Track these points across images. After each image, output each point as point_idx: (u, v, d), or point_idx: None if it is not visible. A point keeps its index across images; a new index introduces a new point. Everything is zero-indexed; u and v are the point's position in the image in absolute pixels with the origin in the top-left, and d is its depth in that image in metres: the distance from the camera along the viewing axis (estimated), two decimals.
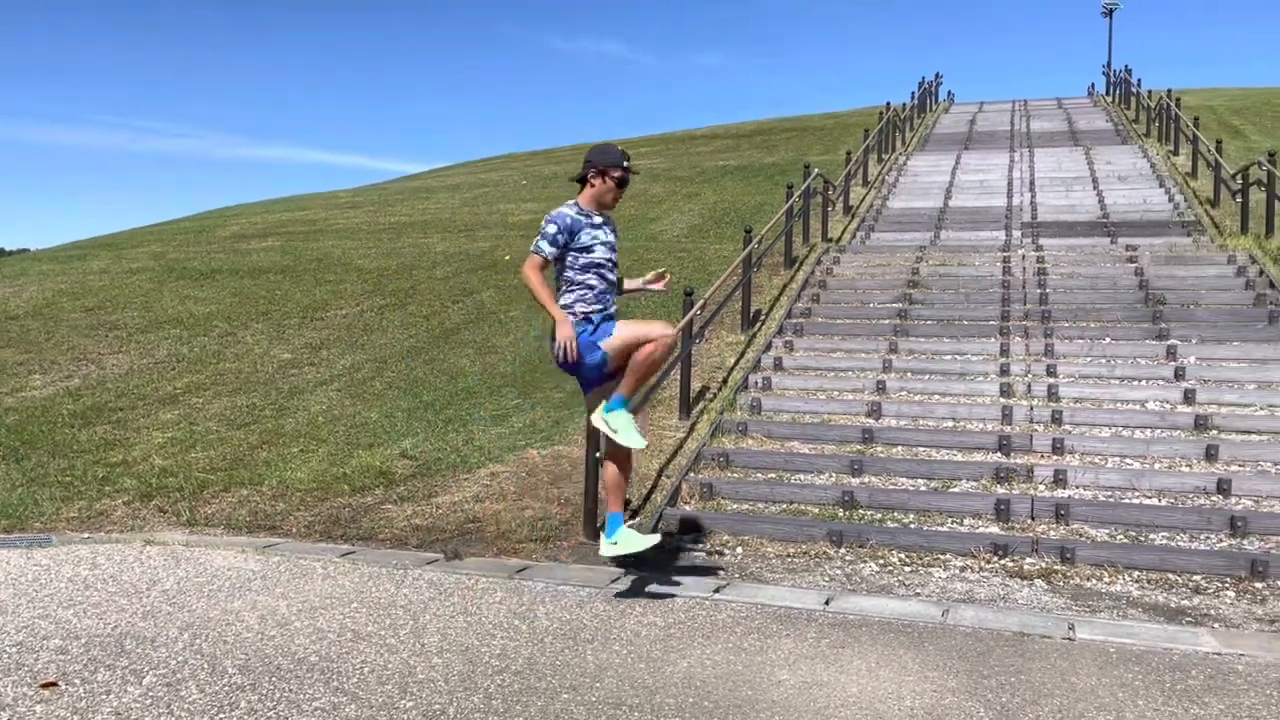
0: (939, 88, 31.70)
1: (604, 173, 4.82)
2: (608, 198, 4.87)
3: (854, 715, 3.59)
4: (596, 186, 4.85)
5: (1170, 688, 3.88)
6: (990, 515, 6.41)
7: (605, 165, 4.80)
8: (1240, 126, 21.03)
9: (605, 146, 4.88)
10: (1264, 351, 8.51)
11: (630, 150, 28.64)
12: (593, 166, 4.82)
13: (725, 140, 27.64)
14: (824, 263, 12.32)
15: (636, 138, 33.52)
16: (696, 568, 5.72)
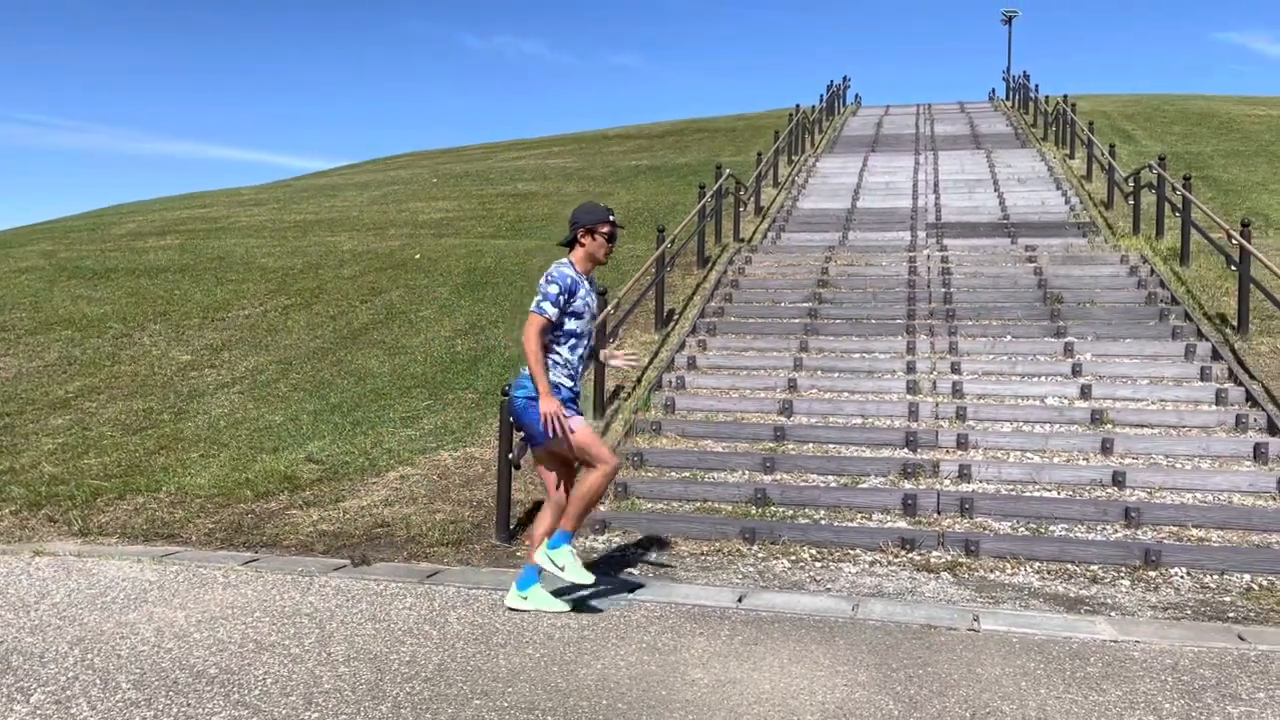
0: (847, 91, 32.30)
1: (592, 231, 4.77)
2: (600, 254, 4.82)
3: (766, 712, 3.60)
4: (588, 245, 4.78)
5: (1070, 675, 4.00)
6: (898, 510, 6.53)
7: (593, 223, 4.77)
8: (1132, 131, 21.90)
9: (588, 205, 4.86)
10: (1155, 348, 8.86)
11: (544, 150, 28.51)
12: (580, 226, 4.77)
13: (639, 140, 27.70)
14: (736, 262, 12.42)
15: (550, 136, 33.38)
16: (612, 568, 5.69)
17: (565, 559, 4.62)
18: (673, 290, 11.38)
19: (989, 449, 7.36)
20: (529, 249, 13.71)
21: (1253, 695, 3.80)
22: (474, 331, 10.49)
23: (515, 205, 17.97)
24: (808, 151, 22.44)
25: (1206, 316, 9.47)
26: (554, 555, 4.64)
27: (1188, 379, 8.27)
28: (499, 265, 12.83)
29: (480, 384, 8.93)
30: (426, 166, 25.76)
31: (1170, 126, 22.76)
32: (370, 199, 20.15)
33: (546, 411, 4.51)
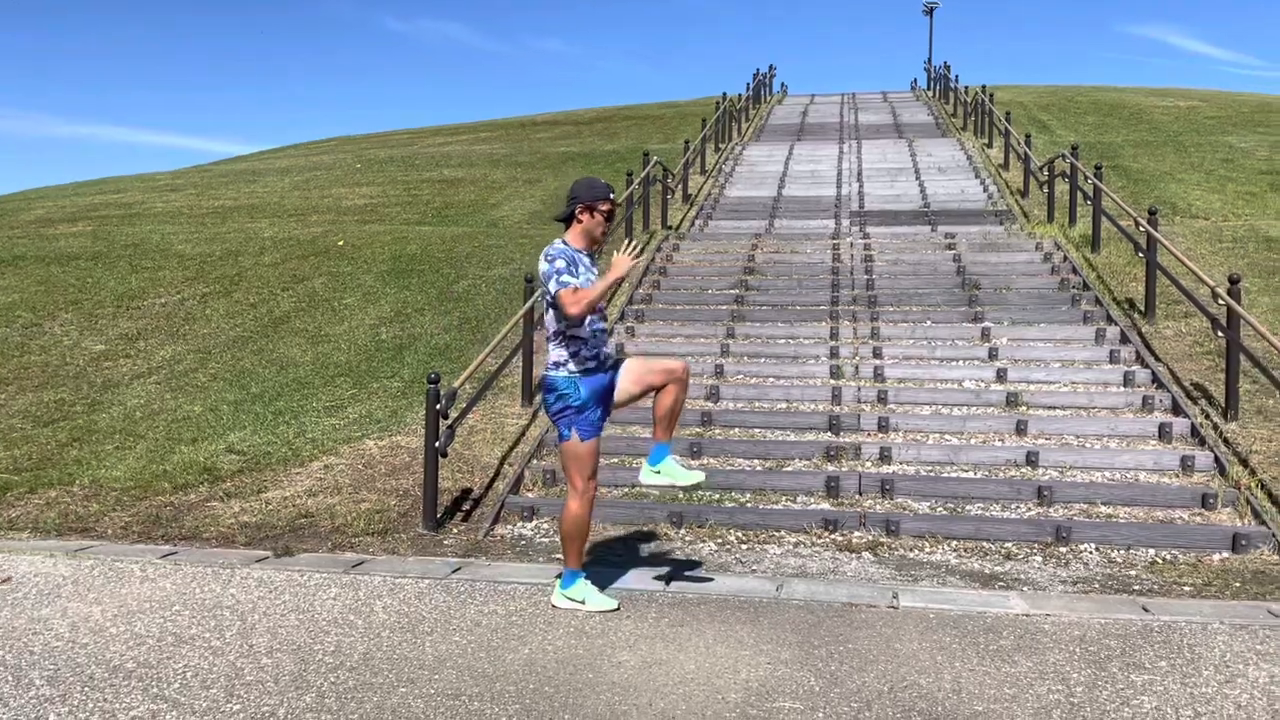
0: (773, 79, 32.56)
1: (591, 207, 4.57)
2: (598, 231, 4.61)
3: (692, 691, 3.66)
4: (585, 221, 4.58)
5: (984, 649, 4.13)
6: (822, 492, 6.66)
7: (593, 199, 4.56)
8: (1047, 121, 22.48)
9: (589, 180, 4.66)
10: (1067, 332, 9.15)
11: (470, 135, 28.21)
12: (579, 202, 4.57)
13: (566, 127, 27.58)
14: (664, 250, 12.48)
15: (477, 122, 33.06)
16: (539, 554, 5.71)
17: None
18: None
19: (909, 431, 7.53)
20: (456, 235, 13.59)
21: (1155, 664, 3.97)
22: (399, 319, 10.37)
23: (441, 191, 17.78)
24: (735, 140, 22.59)
25: (1116, 301, 9.80)
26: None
27: (1098, 362, 8.56)
28: (425, 252, 12.70)
29: (406, 372, 8.84)
30: (350, 152, 25.32)
31: (1083, 117, 23.43)
32: (292, 184, 19.75)
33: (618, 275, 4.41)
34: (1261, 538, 5.69)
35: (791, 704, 3.56)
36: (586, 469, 4.55)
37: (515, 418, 7.88)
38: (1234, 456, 6.67)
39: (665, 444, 4.71)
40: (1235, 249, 10.96)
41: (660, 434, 4.71)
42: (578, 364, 4.54)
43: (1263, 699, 3.63)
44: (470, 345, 9.29)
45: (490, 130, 28.63)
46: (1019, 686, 3.73)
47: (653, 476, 4.74)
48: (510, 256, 12.32)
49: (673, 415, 4.69)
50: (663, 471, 4.71)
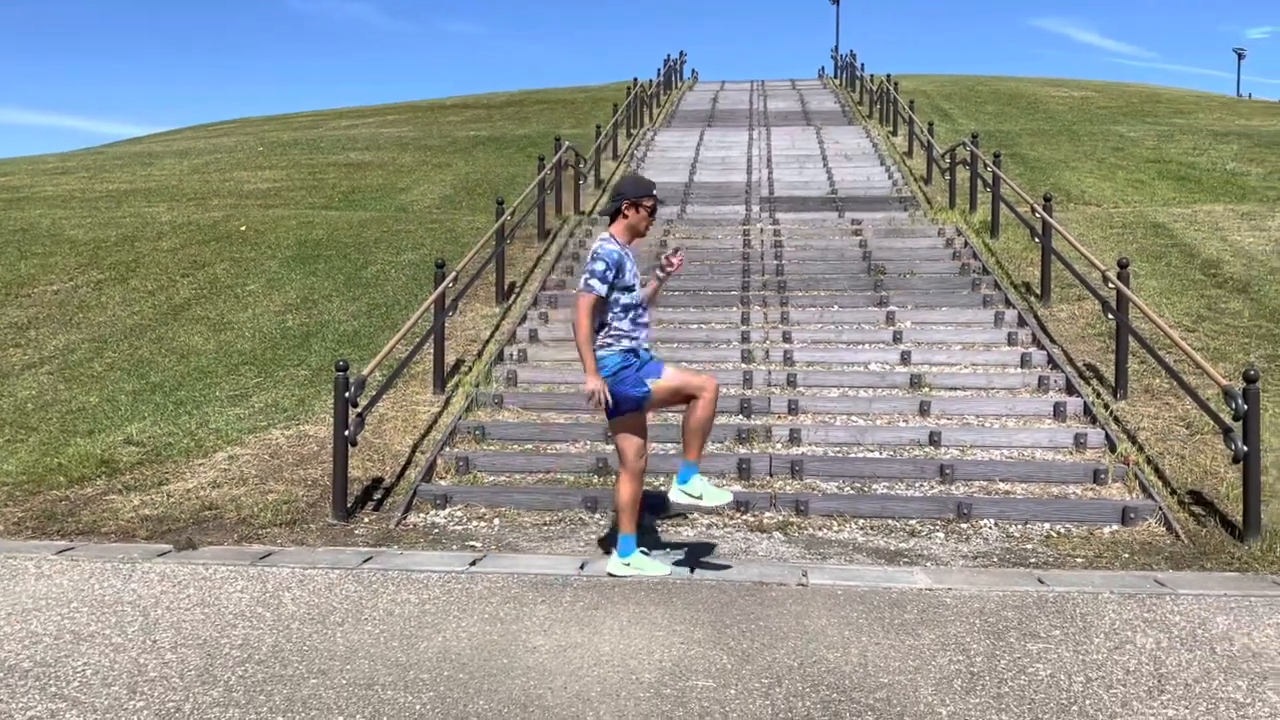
0: (683, 66, 32.71)
1: (637, 203, 4.82)
2: (643, 226, 4.87)
3: (606, 673, 3.70)
4: (631, 217, 4.83)
5: (889, 623, 4.26)
6: (734, 474, 6.76)
7: (639, 196, 4.82)
8: (950, 110, 23.07)
9: (634, 178, 4.91)
10: (967, 315, 9.43)
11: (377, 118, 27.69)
12: (625, 198, 4.82)
13: (477, 110, 27.26)
14: (577, 235, 12.45)
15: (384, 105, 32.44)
16: (453, 542, 5.68)
17: (699, 487, 4.81)
18: (513, 263, 11.32)
19: (818, 413, 7.68)
20: (364, 220, 13.34)
21: (1049, 633, 4.15)
22: (306, 306, 10.15)
23: (348, 175, 17.42)
24: (646, 125, 22.64)
25: (1014, 285, 10.14)
26: (687, 488, 4.81)
27: (996, 344, 8.86)
28: (331, 237, 12.44)
29: (313, 360, 8.67)
30: (252, 134, 24.61)
31: (984, 106, 24.12)
32: (191, 167, 19.12)
33: (592, 389, 4.65)
34: (1149, 511, 5.97)
35: (705, 682, 3.62)
36: (689, 377, 4.84)
37: (427, 405, 7.80)
38: (1123, 434, 6.98)
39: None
40: (1125, 234, 11.43)
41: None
42: (621, 346, 4.76)
43: (1149, 664, 3.82)
44: (380, 332, 9.15)
45: (398, 113, 28.14)
46: (922, 658, 3.86)
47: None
48: (420, 241, 12.15)
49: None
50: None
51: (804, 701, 3.46)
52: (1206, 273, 10.01)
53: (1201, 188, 14.38)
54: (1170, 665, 3.80)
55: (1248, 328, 8.61)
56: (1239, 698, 3.51)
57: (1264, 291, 9.43)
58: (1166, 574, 5.07)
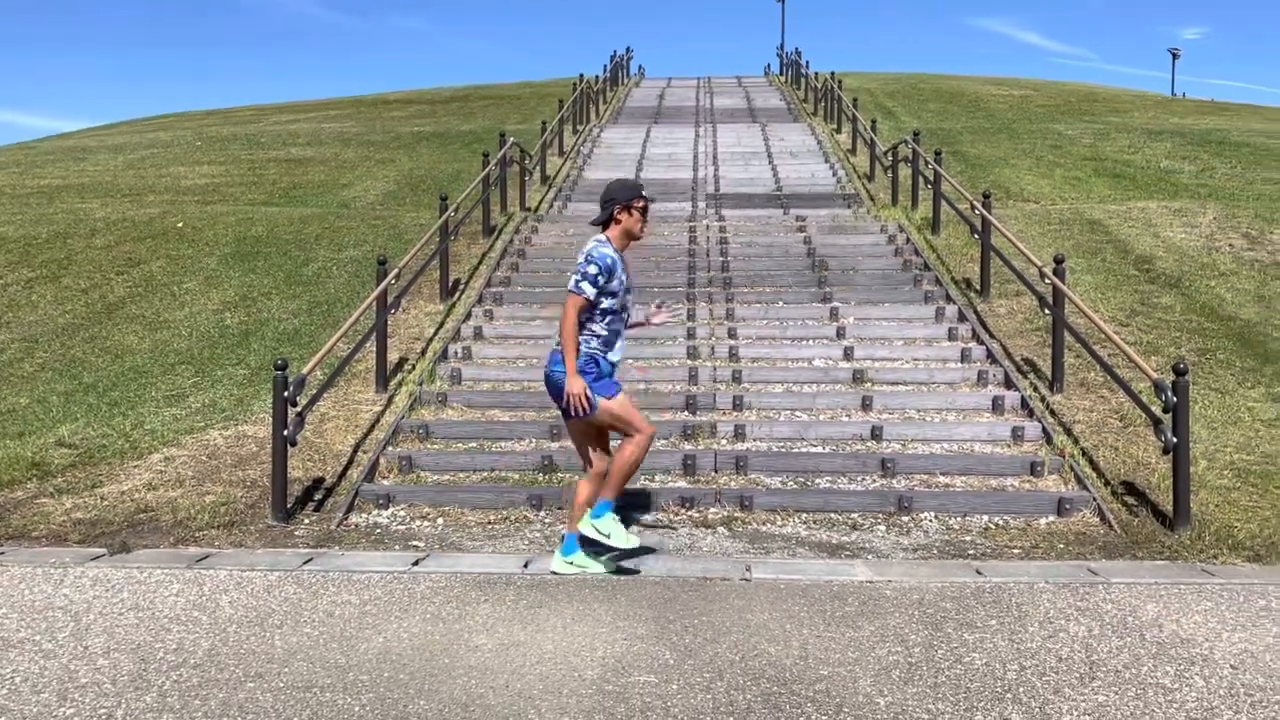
0: (630, 62, 32.70)
1: (629, 207, 4.76)
2: (637, 228, 4.82)
3: (549, 671, 3.69)
4: (624, 221, 4.78)
5: (831, 615, 4.31)
6: (679, 470, 6.78)
7: (629, 199, 4.76)
8: (893, 108, 23.35)
9: (622, 182, 4.85)
10: (909, 311, 9.56)
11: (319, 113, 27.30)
12: (616, 203, 4.75)
13: (421, 106, 27.01)
14: (523, 232, 12.40)
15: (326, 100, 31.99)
16: (395, 542, 5.62)
17: (609, 526, 4.72)
18: (458, 260, 11.24)
19: (762, 409, 7.73)
20: (305, 216, 13.15)
21: (986, 623, 4.23)
22: (245, 304, 9.98)
23: (289, 171, 17.16)
24: (593, 121, 22.60)
25: (954, 281, 10.30)
26: (598, 524, 4.73)
27: (937, 339, 8.99)
28: (271, 234, 12.24)
29: (252, 359, 8.53)
30: (190, 129, 24.13)
31: (926, 104, 24.45)
32: (126, 163, 18.69)
33: (572, 392, 4.61)
34: (1083, 502, 6.10)
35: (647, 678, 3.63)
36: (633, 415, 4.74)
37: (369, 404, 7.71)
38: (1059, 426, 7.13)
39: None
40: (1062, 231, 11.66)
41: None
42: (587, 350, 4.72)
43: (1081, 651, 3.91)
44: (321, 330, 9.03)
45: (341, 108, 27.78)
46: (862, 650, 3.91)
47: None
48: (363, 238, 12.01)
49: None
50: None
51: (745, 695, 3.49)
52: (1140, 268, 10.25)
53: (1136, 185, 14.72)
54: (1101, 652, 3.89)
55: (1179, 322, 8.84)
56: (1167, 683, 3.61)
57: (1195, 287, 9.68)
58: (1100, 563, 5.19)
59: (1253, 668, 3.74)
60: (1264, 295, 9.48)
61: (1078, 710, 3.38)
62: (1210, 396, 7.36)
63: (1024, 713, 3.36)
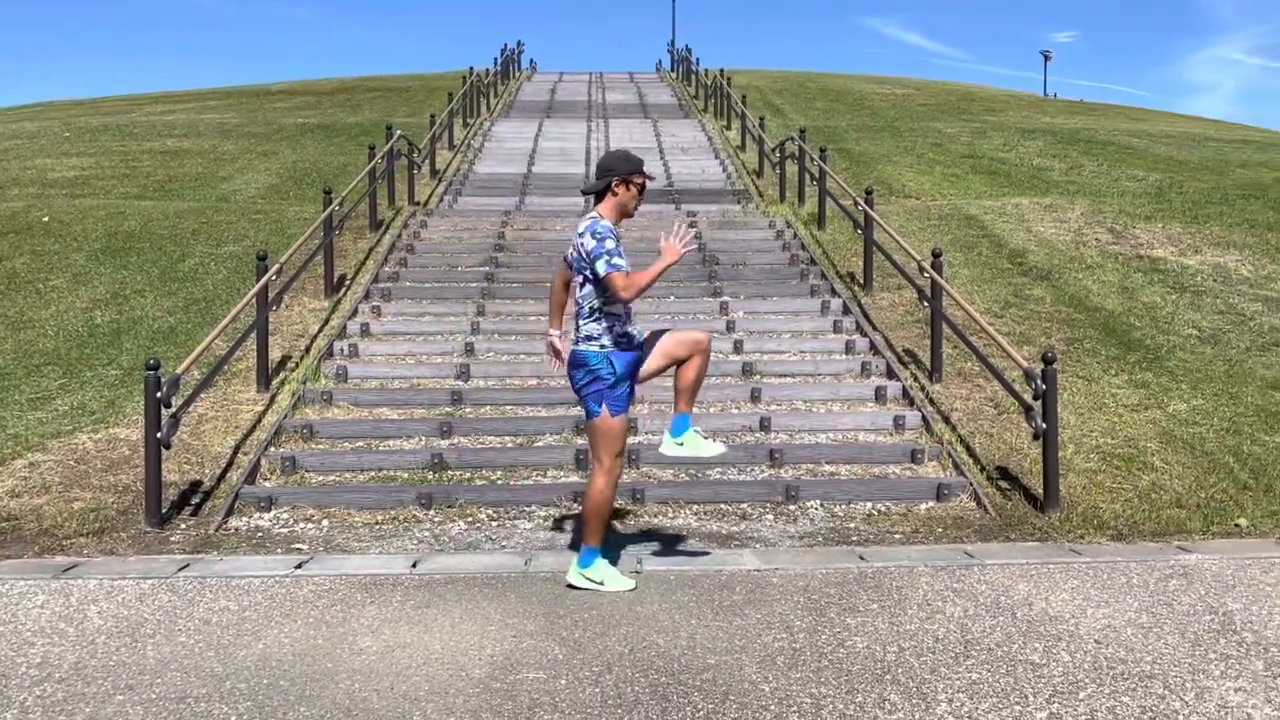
0: (521, 55, 32.49)
1: (628, 180, 4.55)
2: (632, 205, 4.62)
3: (435, 671, 3.64)
4: (621, 195, 4.56)
5: (719, 605, 4.36)
6: (572, 465, 6.77)
7: (629, 172, 4.55)
8: (781, 105, 23.76)
9: (623, 153, 4.67)
10: (796, 305, 9.75)
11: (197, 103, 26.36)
12: (615, 174, 4.54)
13: (306, 97, 26.28)
14: (411, 226, 12.19)
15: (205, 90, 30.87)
16: (278, 546, 5.46)
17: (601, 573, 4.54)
18: (344, 255, 10.98)
19: (654, 403, 7.77)
20: (181, 210, 12.65)
21: (868, 607, 4.34)
22: (116, 301, 9.55)
23: (165, 163, 16.49)
24: (484, 115, 22.38)
25: (839, 275, 10.54)
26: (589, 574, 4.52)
27: (823, 332, 9.19)
28: (145, 229, 11.74)
29: (125, 359, 8.17)
30: (58, 119, 22.96)
31: (813, 102, 24.95)
32: None
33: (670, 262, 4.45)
34: (961, 487, 6.33)
35: (535, 674, 3.62)
36: (616, 445, 4.50)
37: (250, 404, 7.47)
38: (938, 415, 7.37)
39: (687, 415, 4.66)
40: (941, 226, 12.05)
41: (682, 405, 4.66)
42: (612, 339, 4.50)
43: (957, 631, 4.05)
44: (199, 328, 8.71)
45: (220, 98, 26.84)
46: (748, 637, 3.97)
47: (675, 448, 4.70)
48: (243, 233, 11.62)
49: (696, 386, 4.66)
50: (685, 444, 4.67)
51: (633, 687, 3.51)
52: (1013, 262, 10.67)
53: (1010, 182, 15.32)
54: (976, 632, 4.04)
55: (1049, 313, 9.23)
56: (1036, 659, 3.77)
57: (1064, 279, 10.13)
58: (975, 546, 5.39)
59: (1115, 642, 3.94)
60: (1127, 287, 9.98)
61: (952, 688, 3.50)
62: (1078, 384, 7.71)
63: (902, 693, 3.47)
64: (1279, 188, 14.00)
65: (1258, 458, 6.58)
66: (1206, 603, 4.38)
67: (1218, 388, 7.69)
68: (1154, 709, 3.35)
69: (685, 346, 4.65)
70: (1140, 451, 6.67)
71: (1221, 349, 8.49)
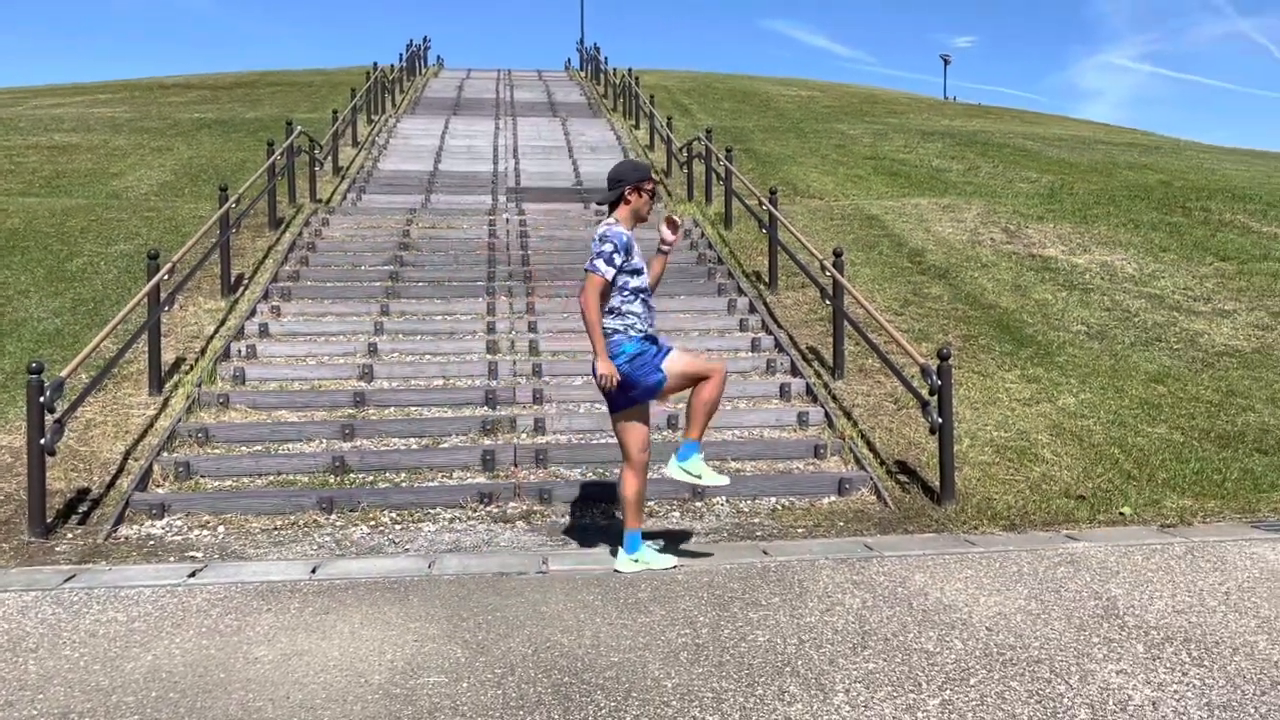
0: (428, 51, 32.06)
1: (638, 188, 4.81)
2: (645, 210, 4.87)
3: (333, 679, 3.57)
4: (634, 202, 4.81)
5: (624, 602, 4.37)
6: (478, 466, 6.71)
7: (639, 180, 4.81)
8: (689, 105, 23.93)
9: (631, 163, 4.90)
10: (704, 304, 9.84)
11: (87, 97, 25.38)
12: (626, 184, 4.79)
13: (202, 91, 25.49)
14: (313, 224, 11.93)
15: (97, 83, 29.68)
16: (170, 554, 5.29)
17: (699, 468, 4.84)
18: (242, 254, 10.69)
19: (562, 402, 7.77)
20: (69, 208, 12.15)
21: (770, 600, 4.40)
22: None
23: (51, 158, 15.81)
24: (389, 111, 22.02)
25: (745, 274, 10.67)
26: (688, 465, 4.82)
27: (730, 330, 9.29)
28: (30, 226, 11.24)
29: (6, 362, 7.81)
30: None
31: (721, 103, 25.19)
32: None
33: (604, 373, 4.58)
34: (862, 481, 6.47)
35: (436, 678, 3.57)
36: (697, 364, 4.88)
37: (142, 408, 7.21)
38: (840, 411, 7.52)
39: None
40: (844, 226, 12.29)
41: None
42: (637, 332, 4.71)
43: (855, 622, 4.14)
44: (88, 330, 8.38)
45: (112, 92, 25.84)
46: (652, 634, 3.99)
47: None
48: (135, 231, 11.22)
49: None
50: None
51: (535, 687, 3.49)
52: (913, 261, 10.95)
53: (910, 183, 15.70)
54: (873, 622, 4.13)
55: (947, 310, 9.50)
56: (930, 648, 3.87)
57: (961, 278, 10.43)
58: (875, 538, 5.51)
59: (1005, 629, 4.07)
60: (1020, 285, 10.33)
61: (850, 678, 3.58)
62: (973, 379, 7.95)
63: (801, 684, 3.53)
64: (1163, 189, 14.65)
65: (1141, 448, 6.88)
66: (1092, 589, 4.55)
67: (1104, 382, 8.01)
68: (1040, 693, 3.47)
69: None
70: (1032, 444, 6.91)
71: (1108, 344, 8.85)
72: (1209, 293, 10.20)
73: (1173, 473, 6.52)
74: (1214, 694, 3.45)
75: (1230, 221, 12.73)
